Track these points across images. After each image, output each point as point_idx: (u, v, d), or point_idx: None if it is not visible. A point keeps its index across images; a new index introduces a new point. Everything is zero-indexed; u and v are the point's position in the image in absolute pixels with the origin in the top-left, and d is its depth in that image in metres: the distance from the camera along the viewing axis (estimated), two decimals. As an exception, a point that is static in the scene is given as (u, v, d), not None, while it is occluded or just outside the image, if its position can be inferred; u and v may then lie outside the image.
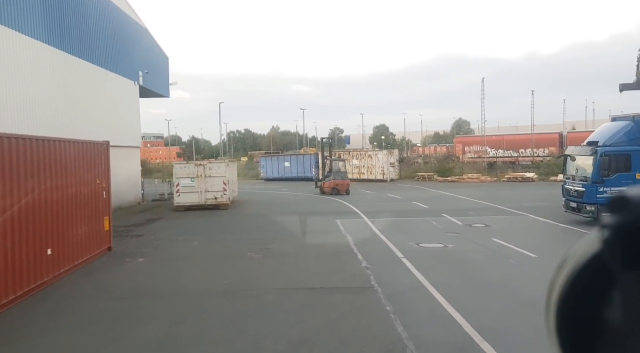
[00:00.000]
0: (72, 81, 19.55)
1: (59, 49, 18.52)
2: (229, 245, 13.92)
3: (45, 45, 17.55)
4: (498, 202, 23.31)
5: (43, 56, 17.34)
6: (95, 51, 22.07)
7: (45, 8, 17.63)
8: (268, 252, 12.76)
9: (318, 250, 13.07)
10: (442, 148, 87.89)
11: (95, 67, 21.80)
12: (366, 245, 13.57)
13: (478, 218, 18.64)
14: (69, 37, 19.45)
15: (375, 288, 9.21)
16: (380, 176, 41.69)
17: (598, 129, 17.70)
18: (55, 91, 18.07)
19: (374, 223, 17.59)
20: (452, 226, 17.03)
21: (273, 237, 15.12)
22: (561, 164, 39.94)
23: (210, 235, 15.94)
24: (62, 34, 18.91)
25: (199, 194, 22.83)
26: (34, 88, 16.68)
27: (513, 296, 8.74)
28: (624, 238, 0.50)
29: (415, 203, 24.11)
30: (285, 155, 49.59)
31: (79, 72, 20.05)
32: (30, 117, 16.20)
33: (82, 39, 20.90)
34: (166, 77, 33.04)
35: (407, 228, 16.69)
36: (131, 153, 26.33)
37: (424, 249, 13.10)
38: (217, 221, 19.44)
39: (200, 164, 23.11)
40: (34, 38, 16.79)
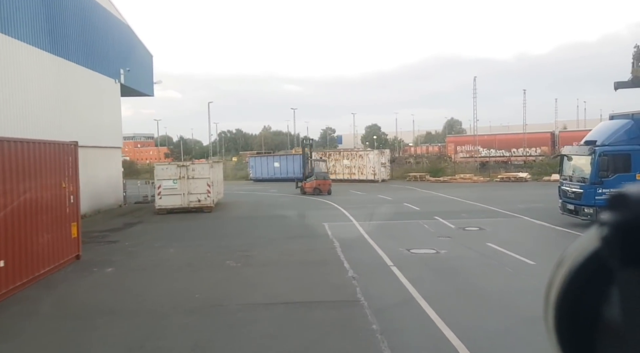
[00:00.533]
0: (43, 78, 18.54)
1: (29, 44, 17.50)
2: (207, 252, 13.03)
3: (14, 39, 16.54)
4: (491, 203, 22.59)
5: (9, 50, 16.32)
6: (71, 47, 21.05)
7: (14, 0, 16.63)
8: (248, 260, 11.88)
9: (302, 257, 12.22)
10: (434, 147, 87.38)
11: (70, 63, 20.79)
12: (354, 251, 12.74)
13: (471, 220, 17.88)
14: (40, 32, 18.43)
15: (361, 302, 8.37)
16: (372, 177, 40.91)
17: (596, 128, 17.00)
18: (24, 89, 17.05)
19: (363, 227, 16.77)
20: (445, 229, 16.25)
21: (255, 243, 14.26)
22: (555, 164, 39.58)
23: (189, 240, 15.03)
24: (34, 28, 17.90)
25: (182, 197, 21.90)
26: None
27: (512, 311, 7.94)
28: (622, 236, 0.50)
29: (407, 204, 23.33)
30: (275, 155, 48.67)
31: (51, 69, 19.03)
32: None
33: (56, 34, 19.89)
34: (150, 76, 32.04)
35: (397, 232, 15.88)
36: (112, 154, 25.32)
37: (415, 255, 12.29)
38: (198, 225, 18.52)
39: (182, 165, 22.16)
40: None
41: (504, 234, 15.25)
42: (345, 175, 42.33)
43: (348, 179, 41.88)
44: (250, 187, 39.46)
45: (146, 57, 31.20)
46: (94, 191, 22.48)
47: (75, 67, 21.15)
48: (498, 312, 8.04)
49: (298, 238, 14.86)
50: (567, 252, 0.58)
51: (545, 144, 59.98)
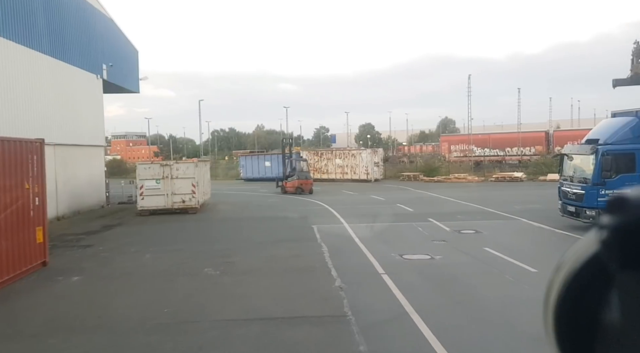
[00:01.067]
0: (15, 72, 17.53)
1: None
2: (186, 258, 12.13)
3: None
4: (487, 204, 21.83)
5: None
6: (45, 39, 20.02)
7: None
8: (228, 267, 11.00)
9: (287, 263, 11.35)
10: (428, 147, 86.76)
11: (45, 56, 19.77)
12: (343, 257, 11.90)
13: (467, 223, 17.09)
14: (14, 23, 17.43)
15: (348, 318, 7.52)
16: (364, 176, 40.12)
17: (598, 126, 16.23)
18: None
19: (354, 230, 15.93)
20: (440, 232, 15.45)
21: (239, 247, 13.38)
22: (550, 164, 38.98)
23: (168, 244, 14.12)
24: (5, 18, 16.88)
25: (165, 198, 20.95)
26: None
27: (515, 328, 7.12)
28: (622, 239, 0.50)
29: (400, 205, 22.52)
30: (266, 154, 47.71)
31: (21, 61, 17.99)
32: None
33: (32, 26, 18.89)
34: (136, 72, 31.01)
35: (390, 235, 15.06)
36: (93, 153, 24.32)
37: (408, 262, 11.46)
38: (181, 227, 17.61)
39: (166, 164, 21.20)
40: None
41: (501, 238, 14.47)
42: (338, 174, 41.53)
43: (340, 178, 41.08)
44: (240, 187, 38.55)
45: (131, 52, 30.17)
46: (74, 192, 21.52)
47: (50, 60, 20.13)
48: (500, 329, 7.21)
49: (284, 242, 13.99)
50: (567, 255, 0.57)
51: (539, 143, 59.47)
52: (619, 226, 0.51)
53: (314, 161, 42.94)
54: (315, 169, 42.69)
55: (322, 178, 42.02)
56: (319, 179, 41.96)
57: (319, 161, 42.76)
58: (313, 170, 42.80)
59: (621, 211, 0.51)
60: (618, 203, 0.52)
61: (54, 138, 20.09)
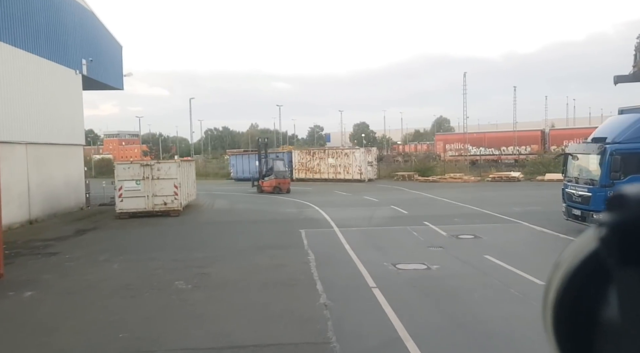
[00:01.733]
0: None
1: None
2: (157, 268, 11.00)
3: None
4: (485, 206, 20.82)
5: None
6: (22, 32, 18.85)
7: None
8: (202, 280, 9.89)
9: (268, 275, 10.25)
10: (423, 146, 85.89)
11: (20, 51, 18.57)
12: (331, 267, 10.82)
13: (465, 226, 16.06)
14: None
15: (331, 345, 6.44)
16: (358, 176, 39.04)
17: (605, 124, 15.21)
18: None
19: (345, 235, 14.85)
20: (436, 237, 14.40)
21: (218, 255, 12.27)
22: (548, 163, 38.00)
23: (141, 252, 12.99)
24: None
25: (146, 200, 19.79)
26: None
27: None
28: (621, 236, 0.50)
29: (394, 207, 21.46)
30: (256, 153, 46.41)
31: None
32: None
33: (2, 17, 17.67)
34: (119, 68, 29.77)
35: (383, 241, 14.00)
36: (72, 152, 23.09)
37: (402, 273, 10.38)
38: (159, 232, 16.47)
39: (147, 164, 20.01)
40: None
41: (503, 244, 13.43)
42: (331, 174, 40.43)
43: (333, 178, 39.99)
44: (229, 187, 37.37)
45: (114, 47, 28.93)
46: (50, 193, 20.33)
47: (23, 54, 18.90)
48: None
49: (268, 249, 12.89)
50: (565, 253, 0.57)
51: (535, 142, 58.68)
52: (619, 223, 0.50)
53: (305, 160, 41.85)
54: (307, 169, 41.61)
55: (315, 177, 40.93)
56: (311, 179, 40.89)
57: (311, 160, 41.64)
58: (305, 170, 41.74)
59: (620, 209, 0.50)
60: (617, 200, 0.51)
61: (27, 136, 18.92)
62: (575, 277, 0.56)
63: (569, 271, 0.56)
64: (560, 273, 0.57)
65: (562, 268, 0.57)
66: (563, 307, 0.57)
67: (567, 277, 0.56)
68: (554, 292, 0.58)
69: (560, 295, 0.57)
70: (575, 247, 0.57)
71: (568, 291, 0.56)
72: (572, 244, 0.57)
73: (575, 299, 0.56)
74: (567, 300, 0.57)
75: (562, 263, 0.57)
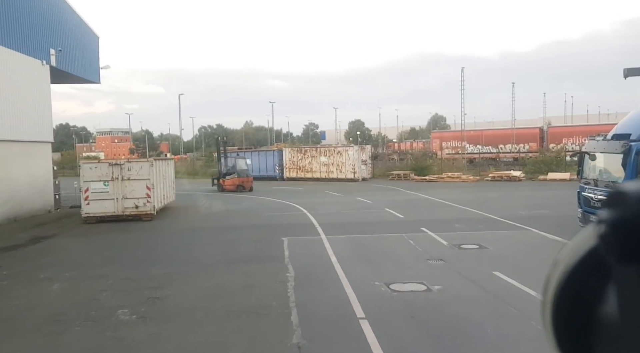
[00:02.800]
0: None
1: None
2: (103, 289, 9.19)
3: None
4: (487, 209, 19.08)
5: None
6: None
7: None
8: (152, 308, 8.08)
9: (236, 300, 8.47)
10: (419, 143, 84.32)
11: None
12: (312, 288, 9.06)
13: (467, 234, 14.32)
14: None
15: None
16: (351, 175, 37.25)
17: (627, 118, 13.45)
18: None
19: (333, 244, 13.09)
20: (436, 247, 12.64)
21: (182, 272, 10.46)
22: (550, 162, 36.30)
23: (94, 266, 11.15)
24: None
25: (115, 202, 17.94)
26: None
27: None
28: (621, 233, 0.49)
29: (389, 210, 19.70)
30: (246, 151, 44.61)
31: None
32: None
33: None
34: (95, 60, 27.81)
35: (375, 252, 12.24)
36: (38, 150, 21.18)
37: (397, 296, 8.61)
38: (123, 241, 14.65)
39: (116, 164, 18.12)
40: None
41: (512, 256, 11.69)
42: (323, 173, 38.62)
43: (325, 177, 38.19)
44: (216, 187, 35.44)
45: (89, 38, 26.97)
46: (9, 195, 18.46)
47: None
48: None
49: (242, 264, 11.10)
50: (564, 250, 0.57)
51: (534, 140, 57.15)
52: (618, 221, 0.49)
53: (297, 158, 40.01)
54: (299, 167, 39.79)
55: (306, 177, 39.11)
56: (303, 178, 39.09)
57: (302, 158, 39.79)
58: (296, 169, 39.93)
59: (620, 206, 0.49)
60: (617, 197, 0.50)
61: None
62: (575, 274, 0.55)
63: (568, 268, 0.56)
64: (560, 270, 0.56)
65: (562, 265, 0.56)
66: (562, 304, 0.56)
67: (567, 274, 0.56)
68: (553, 289, 0.57)
69: (560, 293, 0.56)
70: (574, 244, 0.56)
71: (567, 288, 0.56)
72: (572, 241, 0.57)
73: (575, 296, 0.56)
74: (567, 297, 0.56)
75: (562, 261, 0.57)
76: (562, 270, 0.57)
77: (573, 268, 0.56)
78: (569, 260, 0.56)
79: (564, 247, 0.58)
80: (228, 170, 31.42)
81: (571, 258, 0.56)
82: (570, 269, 0.56)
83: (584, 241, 0.55)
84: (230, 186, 30.48)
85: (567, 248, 0.57)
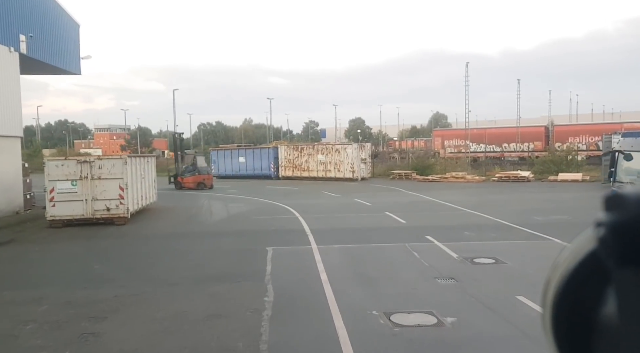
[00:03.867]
0: None
1: None
2: (31, 320, 7.30)
3: None
4: (498, 214, 17.18)
5: None
6: None
7: None
8: (79, 351, 6.19)
9: (191, 338, 6.58)
10: (420, 142, 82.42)
11: None
12: (293, 321, 7.18)
13: (480, 244, 12.46)
14: None
15: None
16: (350, 175, 35.35)
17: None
18: None
19: (324, 256, 11.21)
20: (444, 261, 10.77)
21: (136, 294, 8.58)
22: (559, 161, 34.27)
23: (34, 285, 9.26)
24: None
25: (84, 204, 16.06)
26: None
27: None
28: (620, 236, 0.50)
29: (389, 214, 17.82)
30: (240, 149, 42.68)
31: None
32: None
33: None
34: (75, 50, 25.88)
35: (374, 267, 10.37)
36: (3, 146, 19.28)
37: (399, 335, 6.72)
38: (82, 251, 12.77)
39: (85, 161, 16.22)
40: None
41: (536, 275, 9.72)
42: (320, 172, 36.72)
43: (323, 177, 36.30)
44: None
45: (68, 25, 25.05)
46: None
47: None
48: None
49: (213, 283, 9.22)
50: (564, 253, 0.57)
51: (539, 138, 55.31)
52: (617, 224, 0.49)
53: (292, 157, 38.10)
54: (295, 166, 37.88)
55: (303, 176, 37.21)
56: (299, 177, 37.21)
57: (298, 156, 37.88)
58: (292, 167, 38.05)
59: (619, 209, 0.50)
60: (615, 200, 0.50)
61: None
62: (574, 278, 0.55)
63: (568, 271, 0.56)
64: (559, 273, 0.57)
65: (561, 268, 0.57)
66: (561, 307, 0.57)
67: (566, 278, 0.56)
68: (552, 292, 0.57)
69: (559, 296, 0.57)
70: (573, 247, 0.56)
71: (566, 291, 0.56)
72: (571, 244, 0.57)
73: (574, 299, 0.56)
74: (566, 300, 0.56)
75: (561, 264, 0.57)
76: (562, 273, 0.56)
77: (573, 271, 0.55)
78: (569, 263, 0.56)
79: (564, 250, 0.57)
80: (187, 168, 30.83)
81: (571, 261, 0.56)
82: (570, 272, 0.55)
83: (583, 245, 0.55)
84: (191, 184, 30.12)
85: (567, 251, 0.57)
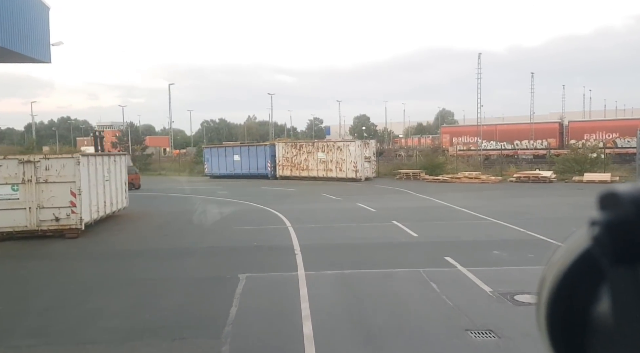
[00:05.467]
0: None
1: None
2: None
3: None
4: (530, 224, 14.24)
5: None
6: None
7: None
8: None
9: None
10: (427, 139, 79.47)
11: None
12: None
13: (516, 270, 9.55)
14: None
15: None
16: (353, 174, 32.42)
17: None
18: None
19: (312, 290, 8.36)
20: (475, 299, 7.88)
21: None
22: (582, 160, 31.13)
23: None
24: None
25: (27, 213, 13.28)
26: None
27: None
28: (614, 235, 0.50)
29: (397, 224, 14.92)
30: (235, 146, 39.80)
31: None
32: None
33: None
34: (45, 35, 22.96)
35: (377, 311, 7.49)
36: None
37: None
38: (7, 278, 9.94)
39: (28, 161, 13.41)
40: None
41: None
42: (320, 172, 33.81)
43: (323, 176, 33.40)
44: (197, 187, 30.73)
45: (35, 8, 22.20)
46: None
47: None
48: None
49: (147, 340, 6.37)
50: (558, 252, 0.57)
51: (552, 135, 52.18)
52: (611, 222, 0.49)
53: (291, 155, 35.19)
54: (293, 165, 34.99)
55: (302, 175, 34.32)
56: (298, 177, 34.31)
57: (297, 155, 34.96)
58: (290, 166, 35.15)
59: (613, 207, 0.50)
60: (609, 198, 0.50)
61: None
62: (569, 276, 0.56)
63: (562, 270, 0.56)
64: (554, 272, 0.57)
65: (556, 267, 0.57)
66: (556, 306, 0.57)
67: (561, 276, 0.56)
68: (547, 291, 0.57)
69: (554, 294, 0.57)
70: (568, 246, 0.56)
71: (561, 290, 0.56)
72: (565, 243, 0.57)
73: (569, 298, 0.56)
74: (561, 299, 0.56)
75: (556, 262, 0.57)
76: (556, 272, 0.56)
77: (567, 269, 0.55)
78: (563, 261, 0.56)
79: (558, 249, 0.56)
80: None
81: (565, 260, 0.56)
82: (564, 271, 0.55)
83: (577, 243, 0.55)
84: None
85: (561, 249, 0.57)
